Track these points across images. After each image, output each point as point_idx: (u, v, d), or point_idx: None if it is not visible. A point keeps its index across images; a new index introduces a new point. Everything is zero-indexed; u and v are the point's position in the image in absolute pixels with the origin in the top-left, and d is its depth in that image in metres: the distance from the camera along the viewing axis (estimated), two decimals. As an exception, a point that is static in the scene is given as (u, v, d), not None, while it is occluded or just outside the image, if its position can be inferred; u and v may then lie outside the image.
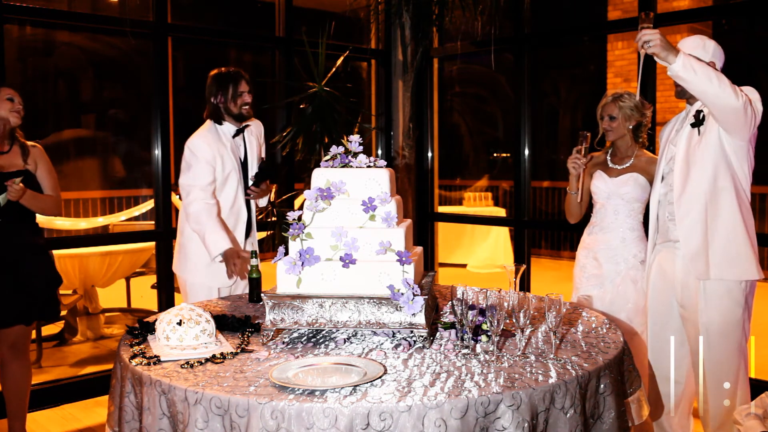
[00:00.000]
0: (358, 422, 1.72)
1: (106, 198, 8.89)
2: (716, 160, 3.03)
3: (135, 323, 2.56)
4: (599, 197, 3.57)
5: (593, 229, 3.60)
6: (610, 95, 3.53)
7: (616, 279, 3.48)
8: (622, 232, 3.50)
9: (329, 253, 2.36)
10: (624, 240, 3.49)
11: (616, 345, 2.29)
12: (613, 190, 3.50)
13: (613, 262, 3.49)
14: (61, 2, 7.88)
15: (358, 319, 2.28)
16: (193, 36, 5.47)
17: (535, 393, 1.85)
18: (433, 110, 6.15)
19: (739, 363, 3.09)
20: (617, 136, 3.53)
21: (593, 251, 3.56)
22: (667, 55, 2.80)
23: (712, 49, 3.11)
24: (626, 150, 3.56)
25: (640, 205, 3.51)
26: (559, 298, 2.15)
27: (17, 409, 3.58)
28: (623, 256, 3.48)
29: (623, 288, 3.47)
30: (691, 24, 8.58)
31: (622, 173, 3.52)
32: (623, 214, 3.50)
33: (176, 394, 1.89)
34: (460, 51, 5.82)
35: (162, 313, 2.38)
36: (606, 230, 3.54)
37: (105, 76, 9.48)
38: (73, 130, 8.99)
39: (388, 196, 2.44)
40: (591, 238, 3.60)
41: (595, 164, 3.65)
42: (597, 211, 3.61)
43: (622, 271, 3.48)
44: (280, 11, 5.48)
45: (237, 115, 3.69)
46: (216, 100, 3.68)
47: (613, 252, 3.50)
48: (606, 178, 3.54)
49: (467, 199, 10.47)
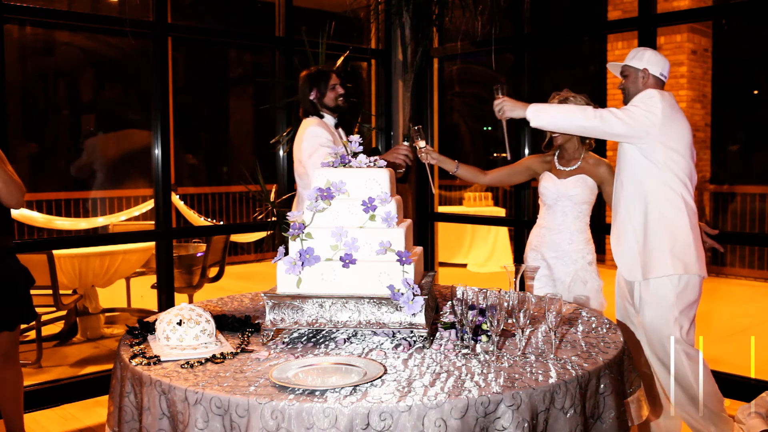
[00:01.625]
0: (358, 422, 1.72)
1: (106, 198, 8.88)
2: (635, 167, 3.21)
3: (135, 323, 2.56)
4: (547, 199, 3.60)
5: (541, 231, 3.63)
6: (556, 99, 3.56)
7: (566, 280, 3.51)
8: (570, 234, 3.53)
9: (329, 253, 2.36)
10: (572, 242, 3.52)
11: (616, 345, 2.29)
12: (562, 192, 3.53)
13: (564, 264, 3.52)
14: (61, 2, 7.89)
15: (358, 319, 2.28)
16: (193, 36, 5.48)
17: (535, 393, 1.85)
18: (433, 110, 6.15)
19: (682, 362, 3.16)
20: (564, 140, 3.57)
21: (541, 252, 3.59)
22: (518, 113, 3.19)
23: (647, 57, 3.29)
24: (574, 152, 3.59)
25: (588, 206, 3.55)
26: (558, 298, 2.15)
27: (13, 413, 3.56)
28: (572, 258, 3.51)
29: (574, 288, 3.49)
30: (691, 24, 8.59)
31: (570, 175, 3.55)
32: (571, 216, 3.53)
33: (176, 394, 1.89)
34: (460, 51, 5.81)
35: (162, 313, 2.38)
36: (554, 231, 3.56)
37: (105, 76, 9.49)
38: (73, 129, 8.99)
39: (388, 196, 2.44)
40: (538, 240, 3.63)
41: (542, 163, 3.70)
42: (545, 212, 3.64)
43: (571, 272, 3.50)
44: (280, 11, 5.48)
45: (334, 107, 3.87)
46: (312, 96, 3.85)
47: (562, 253, 3.53)
48: (555, 179, 3.58)
49: (467, 199, 10.47)
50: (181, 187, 9.42)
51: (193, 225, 7.78)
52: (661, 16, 4.79)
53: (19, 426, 3.58)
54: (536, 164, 3.73)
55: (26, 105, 3.91)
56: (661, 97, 3.14)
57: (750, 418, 2.45)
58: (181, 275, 6.09)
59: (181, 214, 7.71)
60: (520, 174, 3.82)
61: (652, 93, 3.16)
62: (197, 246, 6.66)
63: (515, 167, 3.81)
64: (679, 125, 3.16)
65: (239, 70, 11.46)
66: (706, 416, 3.14)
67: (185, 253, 6.41)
